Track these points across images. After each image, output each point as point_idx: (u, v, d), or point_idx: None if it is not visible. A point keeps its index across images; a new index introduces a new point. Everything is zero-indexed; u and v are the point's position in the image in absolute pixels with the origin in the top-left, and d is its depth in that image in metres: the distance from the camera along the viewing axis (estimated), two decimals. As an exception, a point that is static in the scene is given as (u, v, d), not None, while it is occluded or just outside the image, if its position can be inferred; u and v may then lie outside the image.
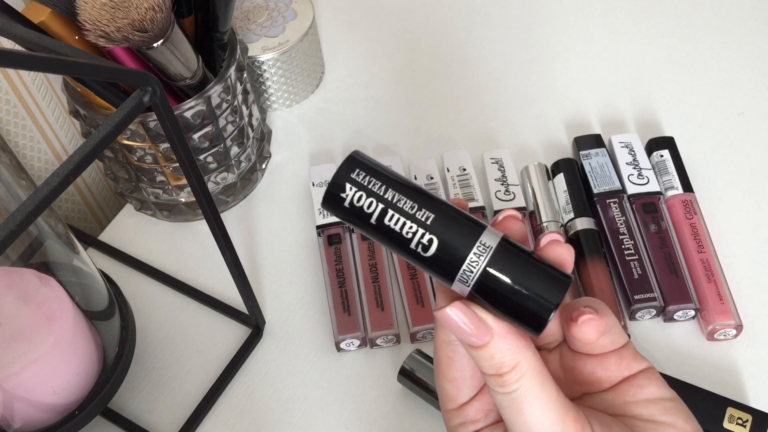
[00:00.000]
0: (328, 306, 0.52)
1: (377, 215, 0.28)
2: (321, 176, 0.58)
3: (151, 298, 0.56)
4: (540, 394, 0.28)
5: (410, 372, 0.48)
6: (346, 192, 0.28)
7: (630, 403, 0.30)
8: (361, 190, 0.28)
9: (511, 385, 0.28)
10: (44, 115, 0.60)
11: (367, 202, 0.28)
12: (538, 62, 0.67)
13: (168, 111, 0.36)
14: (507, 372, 0.28)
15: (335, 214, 0.28)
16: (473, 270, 0.27)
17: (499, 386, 0.28)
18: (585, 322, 0.29)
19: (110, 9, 0.43)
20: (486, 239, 0.27)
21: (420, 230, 0.27)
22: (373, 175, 0.28)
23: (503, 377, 0.28)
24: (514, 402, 0.28)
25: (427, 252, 0.27)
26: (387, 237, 0.28)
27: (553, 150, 0.61)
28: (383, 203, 0.27)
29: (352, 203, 0.28)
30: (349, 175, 0.28)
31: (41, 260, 0.44)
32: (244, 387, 0.51)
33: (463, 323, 0.28)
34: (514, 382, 0.28)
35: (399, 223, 0.27)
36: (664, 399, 0.30)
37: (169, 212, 0.59)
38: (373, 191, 0.28)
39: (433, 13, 0.72)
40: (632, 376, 0.31)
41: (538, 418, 0.28)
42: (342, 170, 0.28)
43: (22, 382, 0.41)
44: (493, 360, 0.28)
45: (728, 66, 0.65)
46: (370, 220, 0.28)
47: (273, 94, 0.65)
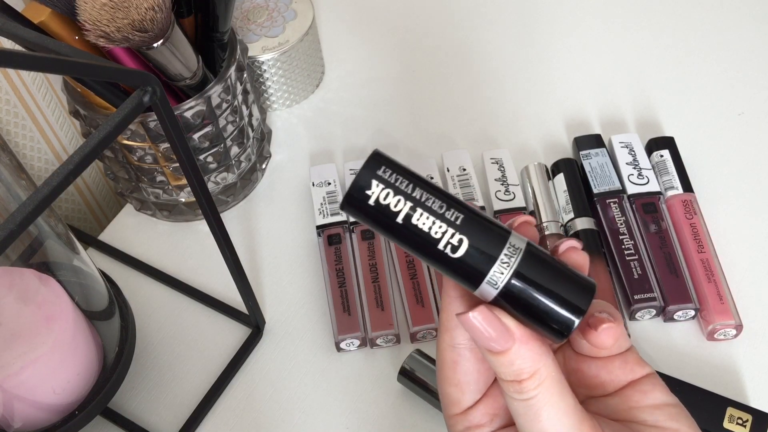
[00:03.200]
0: (328, 306, 0.52)
1: (404, 214, 0.26)
2: (321, 176, 0.58)
3: (151, 298, 0.56)
4: (558, 402, 0.28)
5: (410, 372, 0.48)
6: (372, 190, 0.26)
7: (635, 409, 0.30)
8: (389, 187, 0.26)
9: (529, 392, 0.28)
10: (44, 115, 0.60)
11: (394, 200, 0.26)
12: (538, 62, 0.67)
13: (168, 111, 0.36)
14: (526, 379, 0.27)
15: (356, 215, 0.27)
16: (503, 272, 0.26)
17: (517, 393, 0.28)
18: (605, 330, 0.29)
19: (110, 9, 0.43)
20: (515, 241, 0.27)
21: (450, 230, 0.26)
22: (400, 173, 0.27)
23: (522, 384, 0.28)
24: (532, 409, 0.28)
25: (456, 253, 0.26)
26: (413, 238, 0.26)
27: (553, 150, 0.61)
28: (412, 201, 0.26)
29: (378, 201, 0.26)
30: (375, 172, 0.26)
31: (41, 260, 0.44)
32: (244, 387, 0.51)
33: (485, 329, 0.27)
34: (533, 389, 0.28)
35: (428, 223, 0.26)
36: (669, 405, 0.30)
37: (169, 212, 0.59)
38: (401, 189, 0.26)
39: (433, 13, 0.72)
40: (636, 381, 0.31)
41: (555, 425, 0.28)
42: (367, 167, 0.27)
43: (22, 382, 0.41)
44: (512, 366, 0.28)
45: (728, 66, 0.65)
46: (396, 219, 0.26)
47: (273, 94, 0.65)
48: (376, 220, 0.27)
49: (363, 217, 0.27)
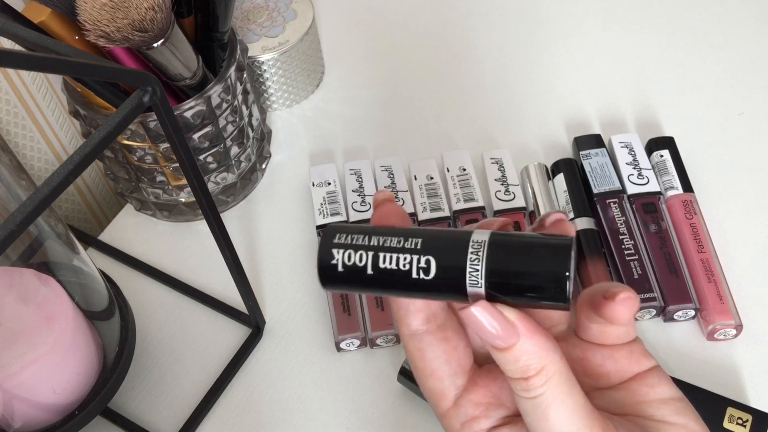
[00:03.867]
0: (328, 306, 0.52)
1: (371, 263, 0.27)
2: (321, 176, 0.58)
3: (151, 298, 0.56)
4: (567, 400, 0.27)
5: (410, 372, 0.48)
6: (335, 258, 0.28)
7: (642, 403, 0.30)
8: (348, 248, 0.28)
9: (536, 389, 0.27)
10: (44, 115, 0.60)
11: (357, 256, 0.27)
12: (538, 62, 0.67)
13: (168, 111, 0.36)
14: (533, 375, 0.27)
15: (335, 286, 0.28)
16: (477, 267, 0.26)
17: (524, 390, 0.27)
18: (623, 301, 0.28)
19: (110, 9, 0.43)
20: (477, 237, 0.27)
21: (414, 257, 0.27)
22: (352, 232, 0.28)
23: (528, 381, 0.27)
24: (539, 407, 0.27)
25: (429, 274, 0.27)
26: (390, 281, 0.27)
27: (553, 150, 0.61)
28: (372, 250, 0.27)
29: (344, 265, 0.28)
30: (332, 242, 0.28)
31: (41, 260, 0.44)
32: (244, 387, 0.51)
33: (488, 323, 0.26)
34: (540, 386, 0.27)
35: (393, 261, 0.27)
36: (675, 399, 0.30)
37: (169, 212, 0.59)
38: (358, 245, 0.28)
39: (434, 13, 0.72)
40: (642, 374, 0.30)
41: (564, 425, 0.27)
42: (324, 242, 0.28)
43: (22, 382, 0.41)
44: (518, 363, 0.27)
45: (728, 66, 0.65)
46: (368, 272, 0.27)
47: (273, 94, 0.65)
48: (353, 282, 0.28)
49: (340, 284, 0.28)
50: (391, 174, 0.58)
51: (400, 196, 0.57)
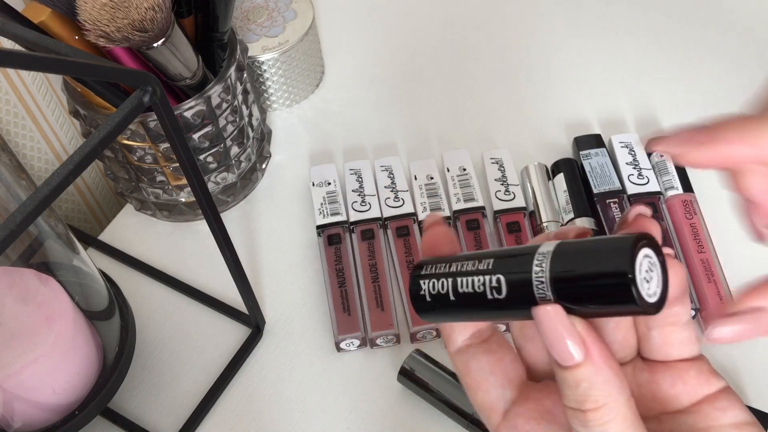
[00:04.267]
0: (328, 306, 0.52)
1: (452, 289, 0.28)
2: (321, 176, 0.58)
3: (151, 298, 0.56)
4: None
5: (410, 372, 0.48)
6: (423, 289, 0.29)
7: (713, 428, 0.28)
8: (431, 278, 0.29)
9: (594, 427, 0.24)
10: (44, 115, 0.60)
11: (439, 284, 0.28)
12: (537, 62, 0.67)
13: (168, 111, 0.36)
14: (591, 410, 0.24)
15: (429, 316, 0.29)
16: (542, 279, 0.25)
17: (581, 425, 0.25)
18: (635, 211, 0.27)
19: (110, 9, 0.43)
20: (543, 249, 0.26)
21: (486, 278, 0.27)
22: (436, 263, 0.29)
23: (586, 415, 0.24)
24: None
25: (501, 293, 0.26)
26: (471, 304, 0.27)
27: (553, 150, 0.61)
28: (451, 276, 0.28)
29: (431, 294, 0.29)
30: (419, 273, 0.29)
31: (41, 260, 0.44)
32: (244, 387, 0.51)
33: (562, 328, 0.24)
34: (598, 426, 0.24)
35: (469, 284, 0.27)
36: (748, 424, 0.28)
37: (169, 212, 0.59)
38: (439, 273, 0.28)
39: (433, 13, 0.72)
40: (712, 396, 0.28)
41: None
42: (412, 276, 0.30)
43: (22, 382, 0.41)
44: (578, 389, 0.24)
45: (728, 66, 0.65)
46: (450, 298, 0.28)
47: (273, 94, 0.65)
48: (440, 309, 0.29)
49: (433, 313, 0.29)
50: (391, 174, 0.58)
51: (400, 196, 0.57)
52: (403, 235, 0.54)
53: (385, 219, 0.56)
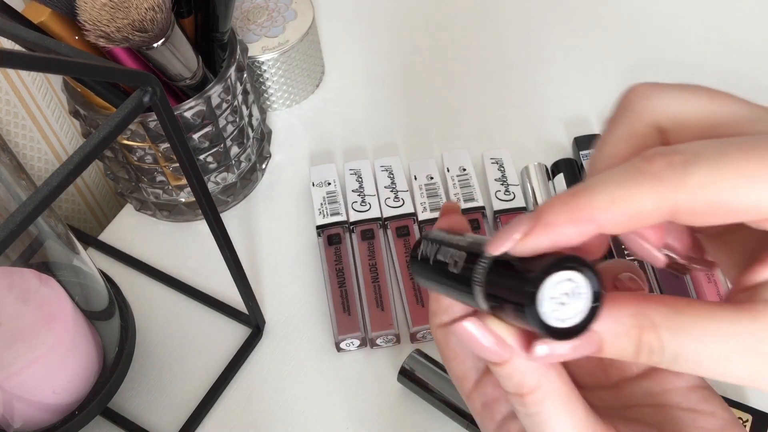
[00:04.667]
0: (328, 306, 0.52)
1: (434, 254, 0.29)
2: (321, 176, 0.58)
3: (151, 298, 0.56)
4: (566, 419, 0.26)
5: (410, 372, 0.48)
6: (419, 249, 0.30)
7: (669, 391, 0.29)
8: (429, 242, 0.30)
9: (532, 406, 0.26)
10: (44, 115, 0.60)
11: (428, 248, 0.29)
12: (537, 62, 0.67)
13: (168, 111, 0.36)
14: (527, 393, 0.26)
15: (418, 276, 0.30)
16: (479, 281, 0.26)
17: (521, 406, 0.26)
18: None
19: (110, 9, 0.43)
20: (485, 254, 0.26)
21: (456, 251, 0.28)
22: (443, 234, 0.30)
23: (524, 398, 0.26)
24: (537, 425, 0.26)
25: (457, 269, 0.27)
26: (438, 271, 0.28)
27: (553, 150, 0.61)
28: (438, 243, 0.29)
29: (422, 255, 0.30)
30: (427, 235, 0.30)
31: (41, 260, 0.44)
32: (244, 387, 0.51)
33: (479, 338, 0.25)
34: (536, 405, 0.26)
35: (445, 254, 0.28)
36: (702, 387, 0.29)
37: (169, 212, 0.59)
38: (436, 239, 0.29)
39: (433, 13, 0.72)
40: None
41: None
42: (420, 238, 0.31)
43: (22, 382, 0.41)
44: (512, 379, 0.26)
45: (728, 66, 0.65)
46: (429, 261, 0.29)
47: (273, 94, 0.65)
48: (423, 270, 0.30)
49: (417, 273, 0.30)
50: (391, 174, 0.58)
51: (400, 196, 0.57)
52: (403, 235, 0.54)
53: (385, 219, 0.56)
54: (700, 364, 0.24)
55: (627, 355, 0.24)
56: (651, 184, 0.22)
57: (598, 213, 0.23)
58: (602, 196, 0.23)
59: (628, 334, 0.24)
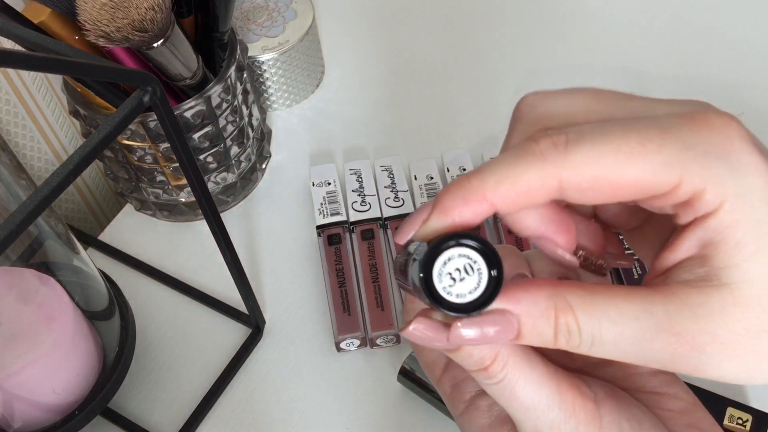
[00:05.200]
0: (328, 306, 0.52)
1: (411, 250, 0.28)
2: (321, 176, 0.58)
3: (151, 298, 0.56)
4: (529, 374, 0.27)
5: (410, 372, 0.48)
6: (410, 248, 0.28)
7: (633, 376, 0.30)
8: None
9: (497, 374, 0.27)
10: (44, 115, 0.60)
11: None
12: (537, 62, 0.67)
13: (168, 111, 0.36)
14: (490, 364, 0.27)
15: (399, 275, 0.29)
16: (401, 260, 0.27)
17: (487, 378, 0.27)
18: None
19: (110, 9, 0.43)
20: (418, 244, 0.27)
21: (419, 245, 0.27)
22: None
23: (488, 370, 0.27)
24: (506, 390, 0.27)
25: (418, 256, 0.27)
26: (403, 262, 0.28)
27: (553, 150, 0.61)
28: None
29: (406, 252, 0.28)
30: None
31: (41, 260, 0.44)
32: (244, 387, 0.51)
33: (429, 335, 0.26)
34: (500, 371, 0.27)
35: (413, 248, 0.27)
36: (664, 372, 0.30)
37: (169, 212, 0.59)
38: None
39: (433, 13, 0.72)
40: None
41: (533, 398, 0.27)
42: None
43: (22, 382, 0.41)
44: (472, 358, 0.27)
45: (728, 66, 0.65)
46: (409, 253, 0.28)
47: (273, 94, 0.65)
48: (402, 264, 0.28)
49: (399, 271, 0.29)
50: (391, 174, 0.58)
51: (400, 196, 0.57)
52: (403, 235, 0.54)
53: (385, 219, 0.56)
54: (617, 347, 0.24)
55: (546, 339, 0.25)
56: (536, 163, 0.24)
57: (490, 193, 0.25)
58: (492, 176, 0.25)
59: (546, 316, 0.25)
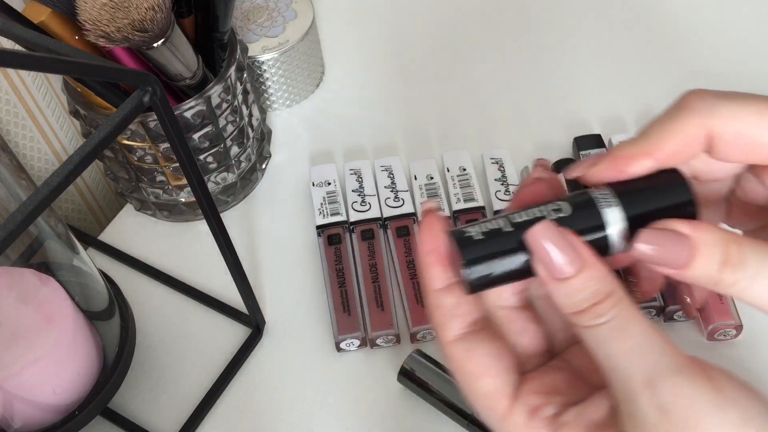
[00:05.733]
0: (328, 306, 0.52)
1: (506, 223, 0.28)
2: (321, 176, 0.58)
3: (151, 298, 0.56)
4: (641, 318, 0.27)
5: (410, 372, 0.48)
6: (470, 232, 0.28)
7: None
8: (479, 224, 0.29)
9: (610, 311, 0.26)
10: (44, 115, 0.60)
11: (491, 224, 0.28)
12: (537, 62, 0.67)
13: (168, 111, 0.36)
14: (602, 300, 0.26)
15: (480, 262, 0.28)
16: (608, 198, 0.28)
17: (594, 318, 0.26)
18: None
19: (110, 9, 0.43)
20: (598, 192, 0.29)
21: (544, 207, 0.28)
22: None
23: (600, 305, 0.26)
24: (617, 329, 0.26)
25: (564, 212, 0.28)
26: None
27: (553, 150, 0.61)
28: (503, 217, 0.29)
29: (483, 232, 0.28)
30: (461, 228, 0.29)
31: (41, 260, 0.44)
32: (244, 387, 0.51)
33: (553, 248, 0.26)
34: (613, 308, 0.26)
35: (526, 215, 0.28)
36: None
37: (169, 212, 0.59)
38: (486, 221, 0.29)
39: (433, 13, 0.72)
40: None
41: (646, 340, 0.26)
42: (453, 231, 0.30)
43: (22, 382, 0.41)
44: (584, 292, 0.26)
45: (728, 66, 0.65)
46: (505, 229, 0.28)
47: (273, 94, 0.65)
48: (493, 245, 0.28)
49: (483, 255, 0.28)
50: (391, 174, 0.58)
51: (400, 196, 0.57)
52: (403, 235, 0.54)
53: (385, 219, 0.56)
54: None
55: (712, 270, 0.27)
56: (689, 115, 0.28)
57: (653, 149, 0.28)
58: (654, 135, 0.29)
59: (720, 243, 0.26)
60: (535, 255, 0.27)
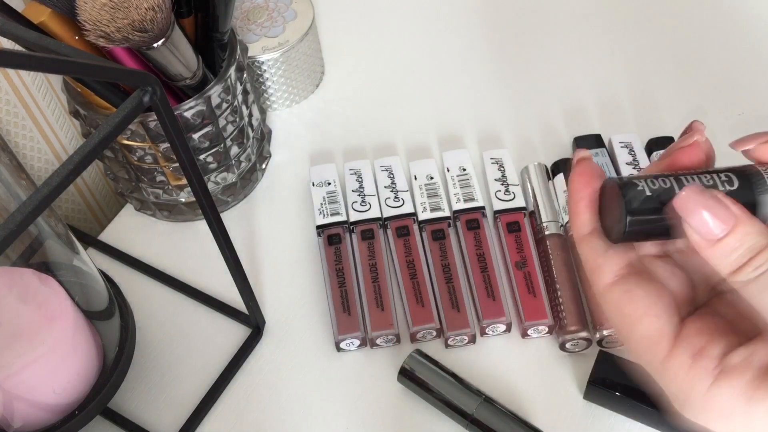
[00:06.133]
0: (328, 306, 0.52)
1: (676, 183, 0.29)
2: (321, 176, 0.58)
3: (151, 298, 0.56)
4: None
5: (410, 372, 0.48)
6: (641, 185, 0.29)
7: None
8: (648, 179, 0.29)
9: (765, 263, 0.26)
10: (44, 115, 0.60)
11: (659, 181, 0.29)
12: (537, 62, 0.67)
13: (168, 111, 0.36)
14: (760, 252, 0.26)
15: (641, 216, 0.29)
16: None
17: (754, 270, 0.26)
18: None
19: (110, 9, 0.43)
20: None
21: (713, 175, 0.29)
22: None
23: (757, 258, 0.26)
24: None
25: (733, 184, 0.29)
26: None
27: (553, 150, 0.61)
28: (672, 176, 0.29)
29: (651, 188, 0.29)
30: (631, 179, 0.30)
31: (41, 260, 0.44)
32: (244, 387, 0.51)
33: (706, 209, 0.26)
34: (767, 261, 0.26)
35: (695, 179, 0.29)
36: None
37: (169, 212, 0.59)
38: (655, 177, 0.29)
39: (433, 13, 0.72)
40: None
41: None
42: (624, 182, 0.30)
43: (22, 382, 0.41)
44: (742, 248, 0.26)
45: (728, 66, 0.65)
46: (676, 189, 0.28)
47: (273, 94, 0.65)
48: (660, 202, 0.29)
49: (646, 210, 0.29)
50: (391, 174, 0.58)
51: (400, 196, 0.57)
52: (403, 235, 0.54)
53: (385, 219, 0.56)
54: None
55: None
56: None
57: None
58: None
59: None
60: (686, 219, 0.27)
